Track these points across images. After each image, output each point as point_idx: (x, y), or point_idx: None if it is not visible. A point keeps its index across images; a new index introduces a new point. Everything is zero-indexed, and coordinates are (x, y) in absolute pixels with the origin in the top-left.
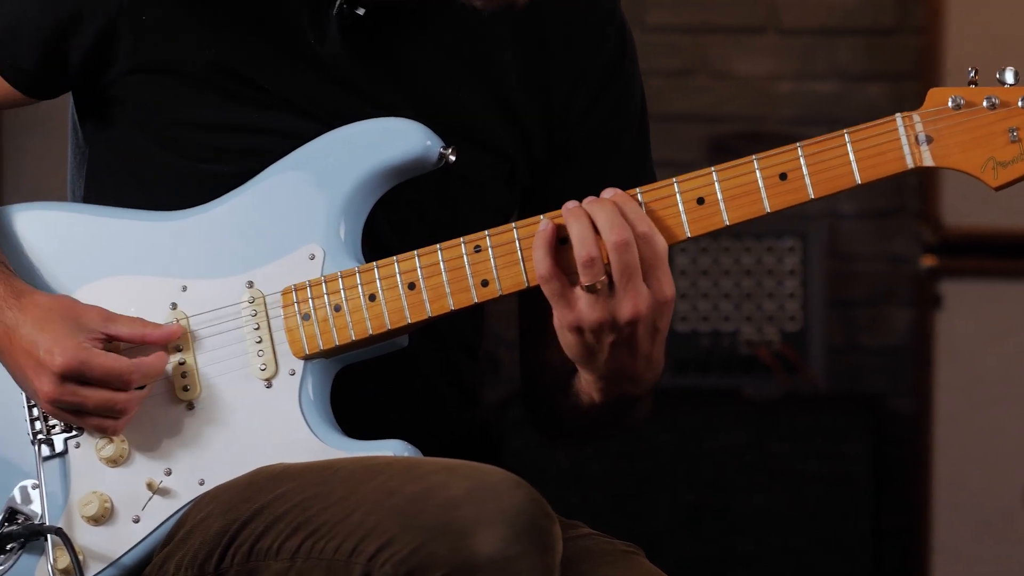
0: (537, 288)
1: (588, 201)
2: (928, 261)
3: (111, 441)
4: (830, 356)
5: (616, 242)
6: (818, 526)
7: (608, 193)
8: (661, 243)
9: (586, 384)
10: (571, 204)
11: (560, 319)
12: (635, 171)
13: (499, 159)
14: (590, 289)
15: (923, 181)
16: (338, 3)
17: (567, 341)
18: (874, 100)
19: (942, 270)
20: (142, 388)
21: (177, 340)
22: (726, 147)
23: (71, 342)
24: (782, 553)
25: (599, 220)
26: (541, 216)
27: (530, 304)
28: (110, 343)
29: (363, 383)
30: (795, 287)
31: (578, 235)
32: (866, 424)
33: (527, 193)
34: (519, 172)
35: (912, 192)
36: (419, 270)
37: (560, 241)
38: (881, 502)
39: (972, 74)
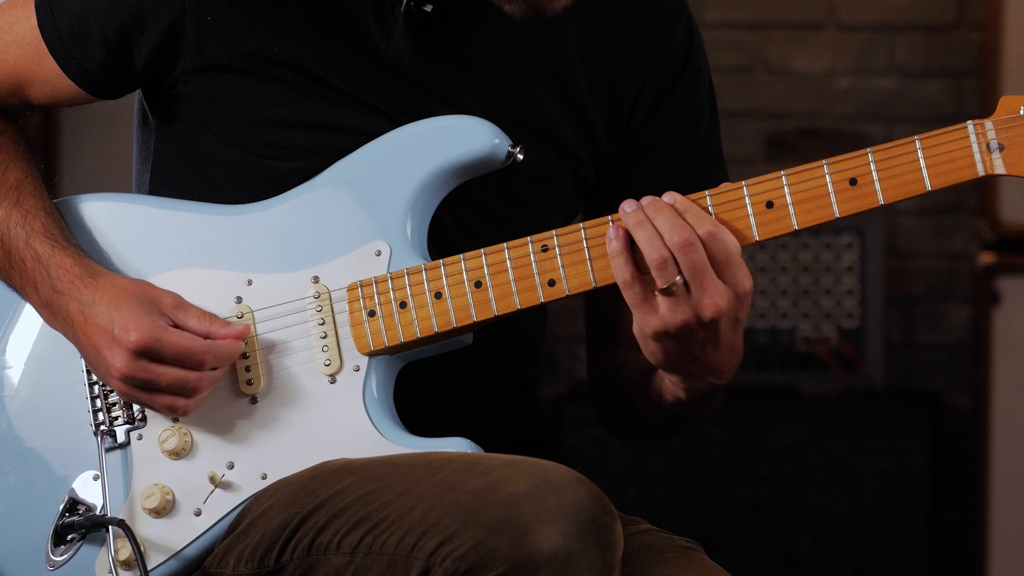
0: (604, 289)
1: (646, 204)
2: (986, 258)
3: (174, 434)
4: (888, 353)
5: (678, 243)
6: (876, 523)
7: (668, 198)
8: (730, 240)
9: (670, 384)
10: (628, 207)
11: (644, 326)
12: (706, 168)
13: (565, 156)
14: (666, 292)
15: (982, 178)
16: (405, 1)
17: (651, 348)
18: (933, 97)
19: (1000, 267)
20: (215, 370)
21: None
22: (785, 143)
23: (147, 320)
24: (840, 550)
25: (658, 224)
26: (609, 218)
27: (597, 306)
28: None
29: (426, 380)
30: (853, 284)
31: (645, 239)
32: (924, 421)
33: (594, 191)
34: (585, 169)
35: (970, 189)
36: (486, 268)
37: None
38: (939, 499)
39: None
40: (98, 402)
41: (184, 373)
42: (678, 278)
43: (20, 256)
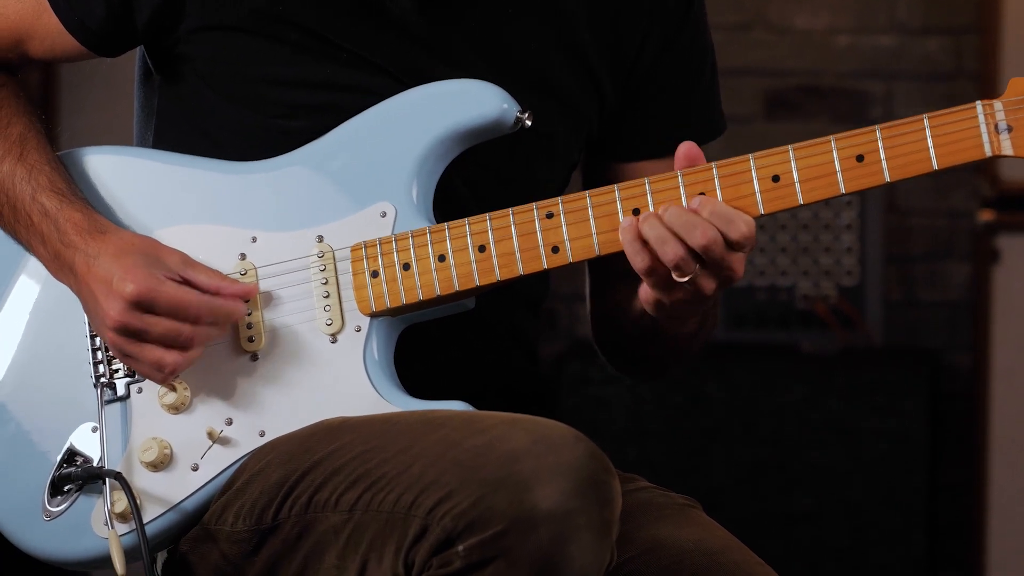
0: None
1: (662, 209)
2: (986, 215)
3: (173, 388)
4: (887, 311)
5: (702, 245)
6: (875, 482)
7: (695, 202)
8: (747, 224)
9: (665, 326)
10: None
11: (662, 298)
12: (708, 116)
13: (571, 110)
14: (689, 283)
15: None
16: None
17: (661, 309)
18: (933, 54)
19: (1000, 224)
20: (214, 329)
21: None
22: (784, 101)
23: (144, 272)
24: (839, 508)
25: (675, 226)
26: (614, 187)
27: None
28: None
29: (428, 342)
30: (852, 242)
31: (656, 238)
32: (923, 379)
33: (598, 143)
34: (589, 122)
35: None
36: (490, 233)
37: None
38: (938, 458)
39: None
40: (99, 354)
41: (176, 325)
42: (695, 266)
43: (26, 211)
